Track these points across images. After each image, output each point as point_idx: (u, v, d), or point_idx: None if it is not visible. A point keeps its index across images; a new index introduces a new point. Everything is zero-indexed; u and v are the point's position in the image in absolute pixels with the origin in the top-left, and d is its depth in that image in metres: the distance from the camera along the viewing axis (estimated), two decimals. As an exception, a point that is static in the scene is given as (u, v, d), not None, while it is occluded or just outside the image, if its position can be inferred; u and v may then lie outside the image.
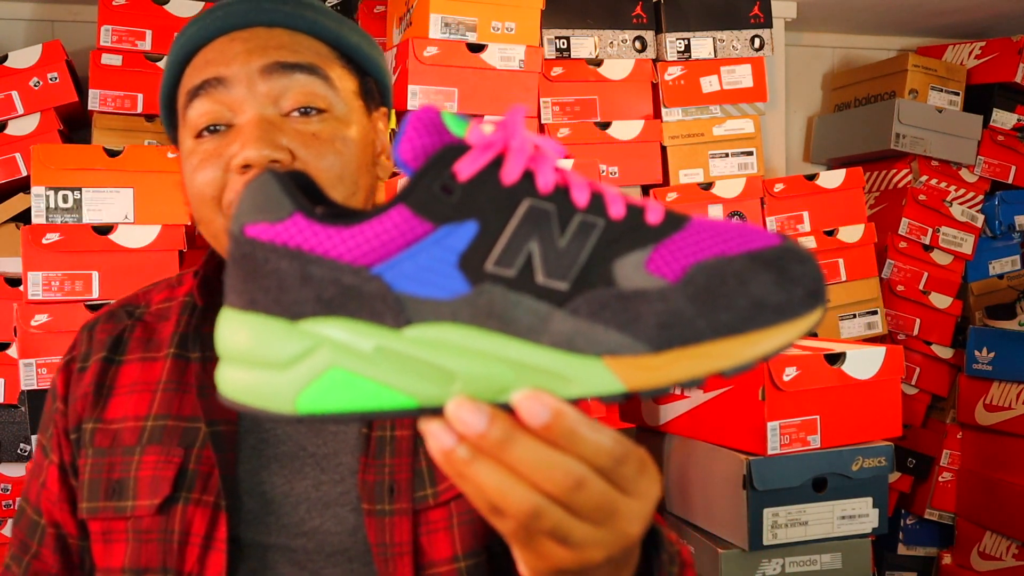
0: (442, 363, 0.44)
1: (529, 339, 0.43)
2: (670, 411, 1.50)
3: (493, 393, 0.44)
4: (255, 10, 0.82)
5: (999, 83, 2.33)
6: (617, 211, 0.45)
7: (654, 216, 0.45)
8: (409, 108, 1.72)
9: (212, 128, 0.79)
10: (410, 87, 1.72)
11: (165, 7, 1.78)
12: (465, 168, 0.44)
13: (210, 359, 0.84)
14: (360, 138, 0.82)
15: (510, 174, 0.45)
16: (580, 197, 0.45)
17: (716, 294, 0.43)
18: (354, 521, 0.79)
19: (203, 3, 1.78)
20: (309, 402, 0.44)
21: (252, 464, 0.81)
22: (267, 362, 0.44)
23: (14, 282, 1.63)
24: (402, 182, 1.47)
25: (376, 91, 0.88)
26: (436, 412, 0.44)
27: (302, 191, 0.47)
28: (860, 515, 1.38)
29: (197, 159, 0.79)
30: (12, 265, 1.67)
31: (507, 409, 0.44)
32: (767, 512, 1.33)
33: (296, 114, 0.79)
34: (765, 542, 1.33)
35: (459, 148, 0.45)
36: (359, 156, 0.81)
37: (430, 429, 0.44)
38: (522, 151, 0.45)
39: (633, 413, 1.61)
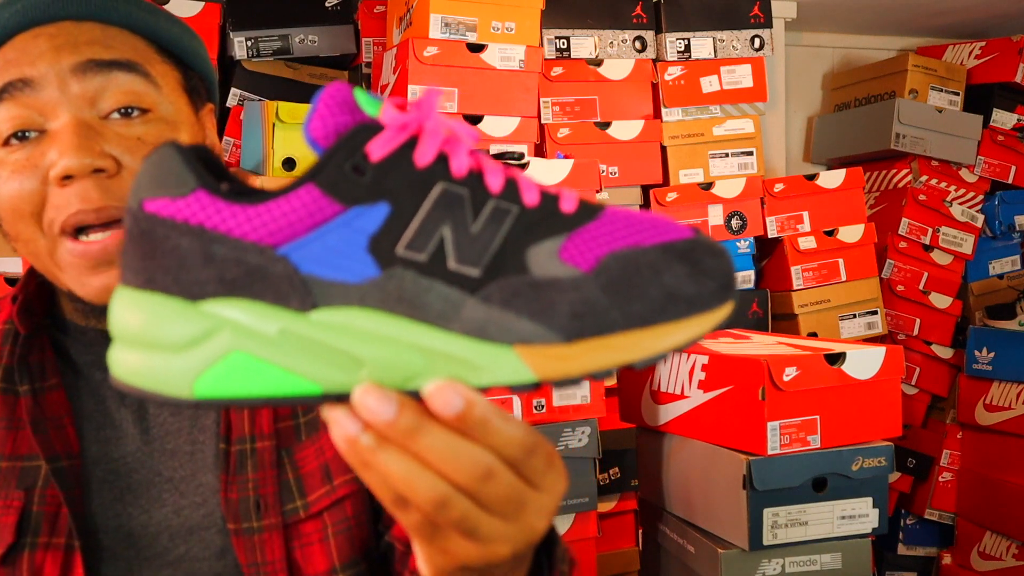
0: (349, 348, 0.42)
1: (440, 326, 0.43)
2: (670, 411, 1.50)
3: (402, 380, 0.43)
4: (60, 1, 0.72)
5: (999, 83, 2.33)
6: (531, 198, 0.45)
7: (568, 204, 0.45)
8: (409, 108, 1.72)
9: (20, 135, 0.70)
10: (410, 87, 1.72)
11: (164, 7, 1.78)
12: (378, 148, 0.43)
13: (41, 390, 0.76)
14: (190, 139, 0.75)
15: (424, 156, 0.44)
16: (494, 182, 0.44)
17: (630, 284, 0.43)
18: (221, 543, 0.74)
19: (203, 3, 1.78)
20: (208, 386, 0.43)
21: (104, 497, 0.75)
22: (164, 344, 0.43)
23: (14, 282, 1.63)
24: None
25: (201, 87, 0.81)
26: (342, 399, 0.43)
27: (205, 166, 0.45)
28: (860, 515, 1.38)
29: (7, 170, 0.70)
30: (12, 265, 1.67)
31: (415, 397, 0.43)
32: (767, 512, 1.33)
33: (117, 116, 0.71)
34: (765, 542, 1.33)
35: (372, 128, 0.44)
36: None
37: (334, 416, 0.43)
38: (436, 133, 0.44)
39: (633, 413, 1.61)
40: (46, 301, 0.80)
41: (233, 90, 1.80)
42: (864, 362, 1.37)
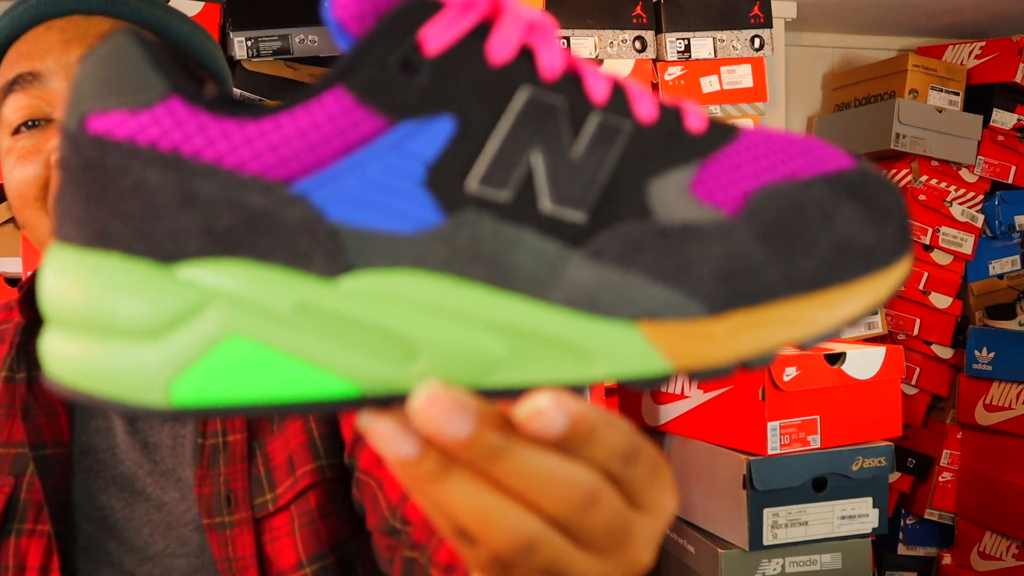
0: (400, 329, 0.29)
1: (532, 294, 0.30)
2: (670, 411, 1.50)
3: (475, 375, 0.30)
4: None
5: (999, 83, 2.33)
6: (647, 111, 0.32)
7: (696, 122, 0.33)
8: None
9: (31, 123, 0.73)
10: (410, 87, 1.72)
11: (165, 7, 1.78)
12: (436, 36, 0.30)
13: (35, 378, 0.78)
14: None
15: (501, 48, 0.31)
16: (598, 89, 0.32)
17: (793, 232, 0.31)
18: (199, 539, 0.75)
19: (203, 3, 1.78)
20: (191, 389, 0.29)
21: (89, 488, 0.76)
22: (123, 328, 0.29)
23: (14, 282, 1.63)
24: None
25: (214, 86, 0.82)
26: (389, 402, 0.30)
27: (179, 66, 0.31)
28: (860, 515, 1.38)
29: (15, 157, 0.73)
30: (12, 265, 1.67)
31: (496, 397, 0.30)
32: (767, 512, 1.33)
33: None
34: (765, 542, 1.33)
35: (427, 5, 0.31)
36: None
37: (380, 429, 0.30)
38: (517, 16, 0.31)
39: (632, 412, 1.61)
40: None
41: (233, 90, 1.80)
42: (864, 362, 1.37)
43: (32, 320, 0.80)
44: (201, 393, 0.29)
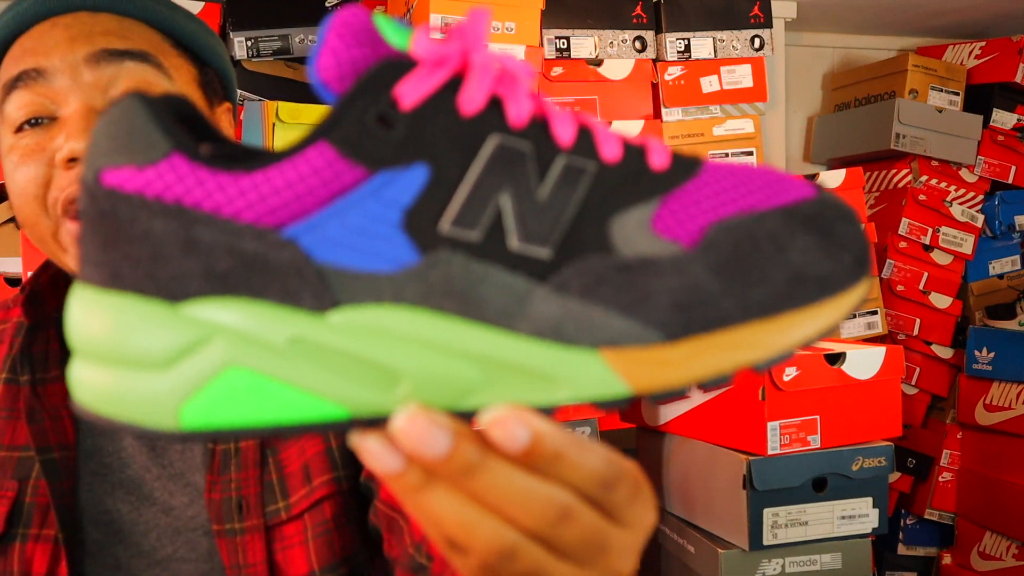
0: (382, 359, 0.33)
1: (501, 326, 0.33)
2: (670, 411, 1.50)
3: (452, 398, 0.33)
4: None
5: (999, 83, 2.33)
6: (612, 152, 0.35)
7: (660, 159, 0.35)
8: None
9: (34, 121, 0.72)
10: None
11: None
12: (410, 92, 0.33)
13: (40, 381, 0.77)
14: None
15: (471, 101, 0.33)
16: (564, 133, 0.34)
17: (747, 263, 0.33)
18: (208, 545, 0.74)
19: (203, 3, 1.78)
20: (198, 414, 0.33)
21: (95, 492, 0.75)
22: (138, 360, 0.33)
23: (14, 282, 1.63)
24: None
25: (218, 83, 0.81)
26: (376, 423, 0.33)
27: (184, 124, 0.35)
28: (860, 515, 1.38)
29: (17, 155, 0.72)
30: (12, 265, 1.67)
31: (469, 418, 0.34)
32: (767, 512, 1.33)
33: None
34: (765, 542, 1.33)
35: (401, 64, 0.33)
36: None
37: (368, 447, 0.33)
38: (487, 69, 0.34)
39: (632, 412, 1.61)
40: (58, 293, 0.80)
41: (237, 92, 1.80)
42: (864, 362, 1.37)
43: (37, 321, 0.79)
44: (207, 417, 0.33)
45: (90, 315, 0.34)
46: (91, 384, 0.34)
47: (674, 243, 0.34)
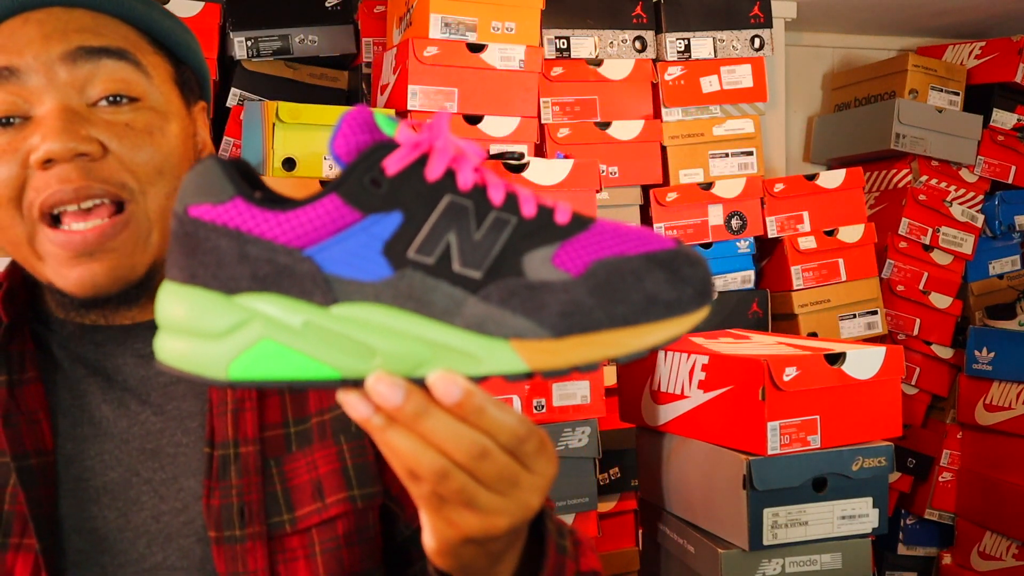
0: (364, 339, 0.47)
1: (444, 321, 0.48)
2: (670, 411, 1.50)
3: (409, 369, 0.48)
4: None
5: (999, 83, 2.33)
6: (529, 210, 0.49)
7: (563, 216, 0.50)
8: (409, 108, 1.72)
9: (5, 121, 0.69)
10: (410, 87, 1.72)
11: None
12: (393, 164, 0.48)
13: (19, 383, 0.73)
14: (180, 131, 0.74)
15: (433, 171, 0.49)
16: (496, 196, 0.49)
17: (614, 288, 0.48)
18: (201, 553, 0.71)
19: (203, 3, 1.78)
20: (240, 369, 0.48)
21: (77, 498, 0.71)
22: (203, 332, 0.48)
23: (14, 282, 1.63)
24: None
25: (194, 82, 0.79)
26: (357, 384, 0.48)
27: (242, 177, 0.51)
28: (860, 515, 1.38)
29: None
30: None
31: (421, 383, 0.48)
32: (767, 512, 1.33)
33: (104, 103, 0.70)
34: (765, 542, 1.33)
35: (389, 146, 0.49)
36: (180, 151, 0.73)
37: (348, 399, 0.48)
38: (445, 152, 0.49)
39: (632, 413, 1.61)
40: (29, 291, 0.77)
41: (233, 90, 1.80)
42: (864, 362, 1.37)
43: (15, 320, 0.75)
44: (246, 372, 0.48)
45: (174, 302, 0.49)
46: (171, 348, 0.49)
47: (566, 273, 0.48)
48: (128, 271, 0.71)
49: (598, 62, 1.94)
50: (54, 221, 0.69)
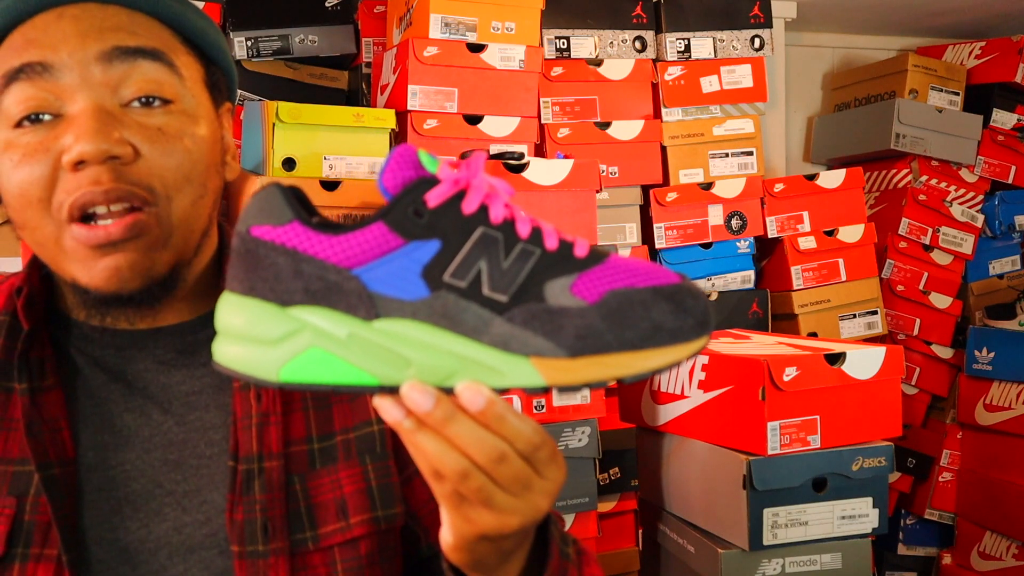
0: (401, 351, 0.53)
1: (473, 338, 0.53)
2: (670, 411, 1.50)
3: (440, 379, 0.53)
4: None
5: (999, 83, 2.33)
6: (552, 244, 0.55)
7: (581, 251, 0.56)
8: (409, 108, 1.72)
9: (34, 117, 0.68)
10: (410, 87, 1.72)
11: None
12: (434, 198, 0.54)
13: (39, 390, 0.71)
14: (209, 135, 0.73)
15: (469, 206, 0.55)
16: (523, 230, 0.55)
17: (624, 316, 0.53)
18: (222, 566, 0.71)
19: (203, 3, 1.78)
20: (290, 373, 0.53)
21: (100, 508, 0.70)
22: (259, 339, 0.54)
23: (14, 282, 1.63)
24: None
25: (223, 83, 0.79)
26: (392, 391, 0.54)
27: (300, 203, 0.57)
28: (860, 515, 1.38)
29: (18, 153, 0.68)
30: (14, 265, 1.67)
31: (450, 392, 0.54)
32: (767, 512, 1.33)
33: (137, 104, 0.69)
34: (765, 542, 1.33)
35: (431, 181, 0.55)
36: (208, 155, 0.73)
37: (384, 404, 0.54)
38: (480, 188, 0.55)
39: (633, 413, 1.61)
40: (47, 294, 0.77)
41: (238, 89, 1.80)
42: (864, 362, 1.37)
43: (35, 326, 0.73)
44: (295, 375, 0.53)
45: (234, 311, 0.55)
46: (228, 352, 0.55)
47: (582, 300, 0.54)
48: (150, 265, 0.70)
49: (598, 62, 1.94)
50: (86, 220, 0.68)
